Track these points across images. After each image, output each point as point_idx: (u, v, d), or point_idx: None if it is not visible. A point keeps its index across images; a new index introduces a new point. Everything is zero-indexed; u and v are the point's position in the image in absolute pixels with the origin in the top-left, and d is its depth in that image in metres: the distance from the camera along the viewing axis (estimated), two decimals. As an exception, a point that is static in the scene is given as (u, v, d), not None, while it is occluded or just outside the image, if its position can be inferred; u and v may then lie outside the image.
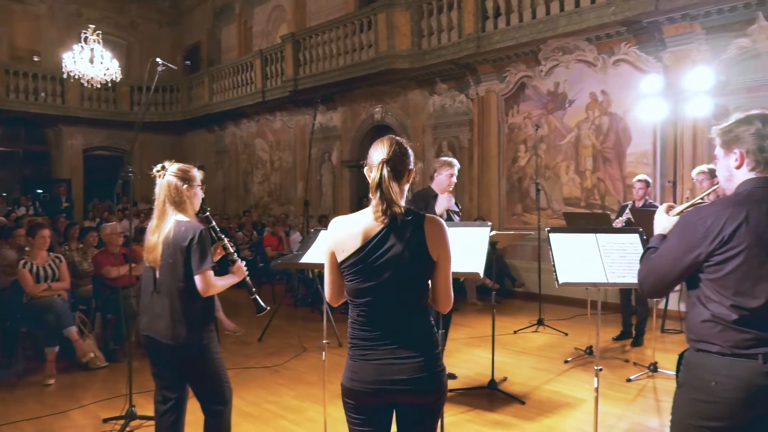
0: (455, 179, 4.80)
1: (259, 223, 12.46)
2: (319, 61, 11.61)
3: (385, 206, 1.88)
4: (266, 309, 2.97)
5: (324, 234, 2.89)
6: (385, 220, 1.90)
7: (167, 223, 2.69)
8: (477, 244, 3.47)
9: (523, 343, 6.15)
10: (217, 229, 2.88)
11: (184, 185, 2.73)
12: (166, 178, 2.73)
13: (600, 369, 3.15)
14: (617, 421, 3.98)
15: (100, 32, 11.98)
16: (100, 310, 5.84)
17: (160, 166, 2.76)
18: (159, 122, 16.22)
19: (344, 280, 1.99)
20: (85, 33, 11.75)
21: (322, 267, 2.09)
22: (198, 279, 2.63)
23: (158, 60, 4.28)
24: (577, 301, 7.41)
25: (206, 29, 16.99)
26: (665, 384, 4.68)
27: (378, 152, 1.95)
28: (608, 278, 3.10)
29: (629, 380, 4.79)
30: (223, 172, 15.93)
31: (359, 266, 1.92)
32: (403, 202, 1.97)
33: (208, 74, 15.55)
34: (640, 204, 5.89)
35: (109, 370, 5.29)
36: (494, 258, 7.11)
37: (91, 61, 11.80)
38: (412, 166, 2.01)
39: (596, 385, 3.12)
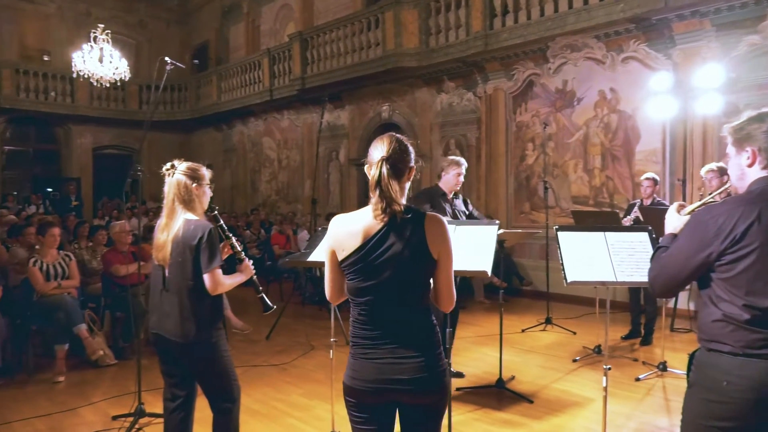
0: (462, 178, 4.80)
1: (266, 222, 12.49)
2: (326, 60, 11.62)
3: (385, 204, 1.86)
4: (273, 308, 2.98)
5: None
6: (384, 218, 1.88)
7: (176, 222, 2.70)
8: (485, 243, 3.47)
9: (531, 342, 6.13)
10: (225, 228, 2.88)
11: (193, 184, 2.74)
12: (175, 177, 2.73)
13: (609, 368, 3.14)
14: (626, 421, 3.96)
15: (109, 31, 12.07)
16: (110, 308, 5.88)
17: (169, 165, 2.77)
18: (167, 121, 16.29)
19: (345, 278, 1.98)
20: (95, 32, 11.83)
21: None
22: (207, 277, 2.64)
23: (166, 59, 4.29)
24: (585, 299, 7.38)
25: (214, 28, 17.04)
26: (675, 383, 4.66)
27: (378, 150, 1.93)
28: (617, 277, 3.08)
29: (638, 379, 4.76)
30: (231, 170, 15.99)
31: (359, 265, 1.90)
32: (404, 200, 1.95)
33: (216, 73, 15.60)
34: (648, 202, 5.86)
35: (118, 367, 5.32)
36: (502, 256, 7.11)
37: (100, 60, 11.89)
38: (412, 163, 1.98)
39: (605, 384, 3.11)
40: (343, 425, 3.69)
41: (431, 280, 1.98)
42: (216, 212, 2.90)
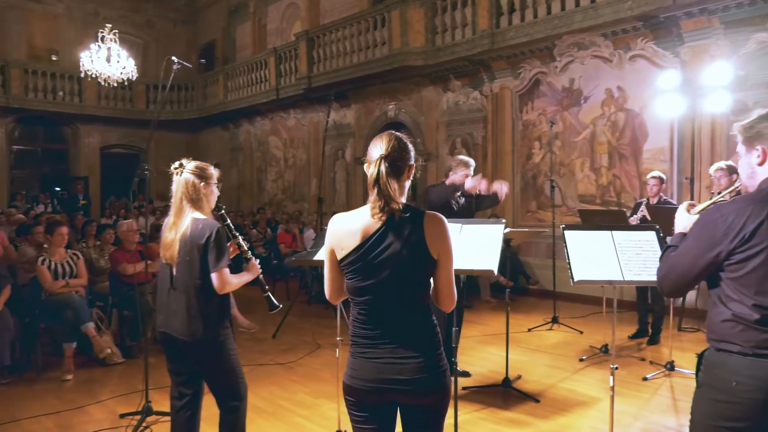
0: (470, 180, 4.79)
1: (273, 221, 12.52)
2: (332, 59, 11.62)
3: (383, 203, 1.85)
4: (279, 307, 2.98)
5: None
6: (383, 217, 1.86)
7: (184, 221, 2.71)
8: (491, 242, 3.46)
9: (537, 341, 6.11)
10: (232, 227, 2.89)
11: (201, 183, 2.75)
12: (183, 176, 2.74)
13: (616, 367, 3.13)
14: (633, 420, 3.94)
15: (117, 31, 12.13)
16: (117, 306, 5.90)
17: (177, 164, 2.78)
18: (174, 120, 16.35)
19: (344, 277, 1.97)
20: (102, 32, 11.90)
21: None
22: (214, 276, 2.65)
23: (173, 58, 4.31)
24: (592, 298, 7.35)
25: (221, 27, 17.08)
26: (682, 383, 4.63)
27: (377, 148, 1.91)
28: (624, 276, 3.07)
29: (645, 379, 4.74)
30: (238, 169, 16.03)
31: (358, 264, 1.88)
32: (404, 199, 1.93)
33: (222, 72, 15.64)
34: (654, 201, 5.84)
35: (126, 366, 5.34)
36: (508, 255, 7.09)
37: (108, 60, 11.95)
38: (412, 161, 1.97)
39: (612, 384, 3.10)
40: (348, 424, 3.69)
41: (431, 280, 1.97)
42: (223, 211, 2.91)
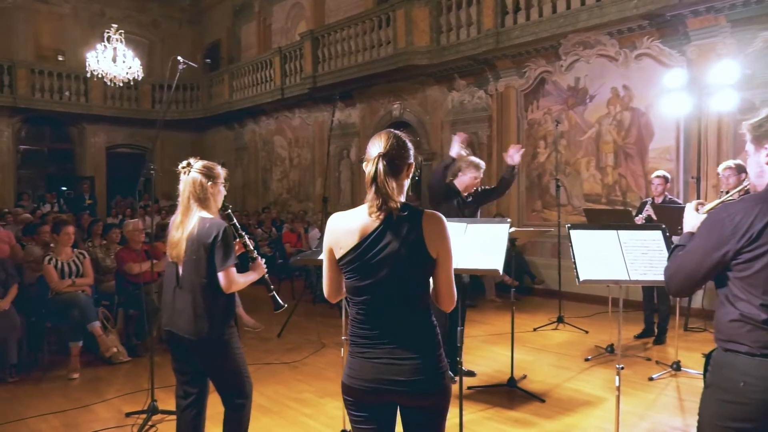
0: (479, 182, 4.77)
1: (278, 220, 12.54)
2: (337, 58, 11.62)
3: (381, 202, 1.84)
4: (284, 306, 2.99)
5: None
6: (380, 215, 1.85)
7: (191, 220, 2.72)
8: (496, 241, 3.45)
9: (542, 341, 6.10)
10: (238, 227, 2.90)
11: (208, 182, 2.76)
12: (191, 175, 2.75)
13: (622, 367, 3.11)
14: (639, 421, 3.93)
15: (123, 31, 12.15)
16: (123, 305, 5.92)
17: (185, 163, 2.79)
18: (180, 120, 16.39)
19: (343, 277, 1.96)
20: (108, 32, 11.92)
21: None
22: (221, 275, 2.65)
23: (179, 58, 4.31)
24: (597, 298, 7.33)
25: (226, 27, 17.11)
26: (689, 383, 4.61)
27: (375, 146, 1.90)
28: (630, 276, 3.06)
29: (651, 379, 4.72)
30: (243, 169, 16.06)
31: (356, 263, 1.88)
32: (403, 198, 1.92)
33: (228, 72, 15.66)
34: (659, 200, 5.82)
35: (132, 364, 5.37)
36: (513, 255, 7.07)
37: (113, 60, 11.98)
38: (411, 160, 1.95)
39: (618, 384, 3.09)
40: (354, 423, 3.70)
41: (431, 280, 1.95)
42: (229, 211, 2.91)
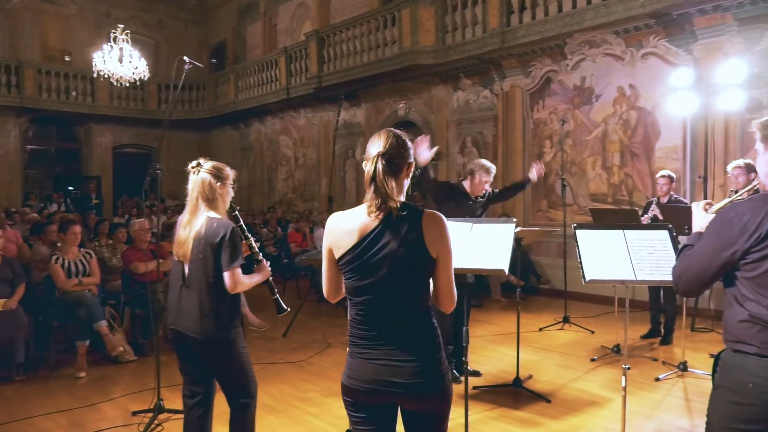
0: (488, 186, 4.77)
1: (283, 220, 12.56)
2: (343, 58, 11.63)
3: (380, 201, 1.83)
4: (287, 310, 3.01)
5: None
6: (380, 215, 1.84)
7: (199, 219, 2.73)
8: (502, 241, 3.45)
9: (548, 341, 6.08)
10: (245, 228, 2.90)
11: (217, 183, 2.77)
12: (200, 175, 2.76)
13: (628, 367, 3.11)
14: (645, 421, 3.91)
15: (129, 32, 12.21)
16: (129, 304, 5.95)
17: (195, 163, 2.80)
18: (186, 120, 16.45)
19: (342, 277, 1.94)
20: (115, 33, 11.98)
21: None
22: (227, 275, 2.66)
23: (185, 58, 4.33)
24: (603, 298, 7.30)
25: (232, 27, 17.15)
26: (695, 384, 4.59)
27: (375, 145, 1.89)
28: (636, 276, 3.05)
29: (658, 379, 4.70)
30: (248, 168, 16.09)
31: (355, 263, 1.86)
32: (403, 197, 1.91)
33: (233, 72, 15.70)
34: (665, 200, 5.80)
35: (138, 363, 5.39)
36: (519, 254, 7.05)
37: (120, 60, 12.03)
38: (411, 159, 1.94)
39: (624, 384, 3.08)
40: (359, 423, 3.69)
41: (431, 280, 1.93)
42: (236, 212, 2.92)
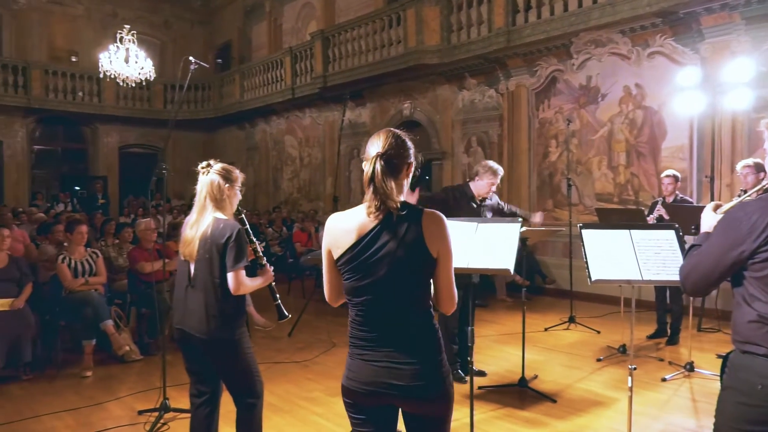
0: (495, 188, 4.75)
1: (288, 219, 12.58)
2: (348, 58, 11.63)
3: (379, 202, 1.81)
4: (288, 317, 3.03)
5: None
6: (379, 216, 1.82)
7: (206, 219, 2.74)
8: (507, 241, 3.44)
9: (553, 341, 6.07)
10: (250, 232, 2.91)
11: (226, 184, 2.78)
12: (210, 176, 2.78)
13: (634, 368, 3.10)
14: (652, 422, 3.89)
15: (135, 32, 12.25)
16: (135, 304, 5.97)
17: (205, 163, 2.82)
18: (191, 120, 16.49)
19: (342, 278, 1.92)
20: (121, 33, 12.03)
21: None
22: (230, 276, 2.67)
23: (191, 59, 4.34)
24: (609, 298, 7.28)
25: (237, 27, 17.19)
26: (702, 384, 4.57)
27: (374, 146, 1.87)
28: (643, 275, 3.04)
29: (664, 380, 4.68)
30: (254, 168, 16.12)
31: (354, 263, 1.85)
32: (403, 197, 1.90)
33: (239, 72, 15.73)
34: (670, 199, 5.78)
35: (144, 363, 5.41)
36: (524, 254, 7.04)
37: (126, 60, 12.08)
38: (411, 159, 1.92)
39: (630, 384, 3.06)
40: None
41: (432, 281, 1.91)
42: (243, 215, 2.92)
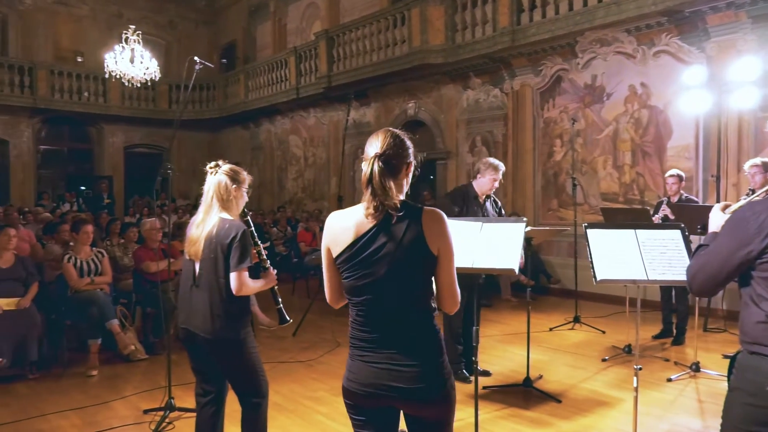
0: (498, 184, 4.73)
1: (293, 219, 12.60)
2: (352, 57, 11.64)
3: (378, 202, 1.79)
4: (289, 321, 3.03)
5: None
6: (378, 215, 1.80)
7: (212, 219, 2.75)
8: (512, 240, 3.43)
9: (558, 341, 6.05)
10: (255, 235, 2.90)
11: (233, 185, 2.79)
12: (217, 176, 2.79)
13: (639, 368, 3.09)
14: (657, 422, 3.88)
15: (140, 32, 12.28)
16: (141, 303, 5.99)
17: (213, 164, 2.83)
18: (196, 120, 16.53)
19: (342, 277, 1.91)
20: (126, 33, 12.07)
21: None
22: (233, 276, 2.67)
23: (195, 59, 4.35)
24: (614, 298, 7.26)
25: (242, 27, 17.22)
26: (708, 385, 4.55)
27: (373, 146, 1.86)
28: (648, 275, 3.02)
29: (670, 380, 4.66)
30: (258, 168, 16.14)
31: (353, 261, 1.83)
32: (402, 197, 1.88)
33: (243, 72, 15.76)
34: (675, 199, 5.77)
35: (149, 362, 5.42)
36: (529, 254, 7.03)
37: (131, 60, 12.12)
38: (411, 159, 1.91)
39: (635, 384, 3.06)
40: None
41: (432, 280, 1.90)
42: (248, 217, 2.93)
